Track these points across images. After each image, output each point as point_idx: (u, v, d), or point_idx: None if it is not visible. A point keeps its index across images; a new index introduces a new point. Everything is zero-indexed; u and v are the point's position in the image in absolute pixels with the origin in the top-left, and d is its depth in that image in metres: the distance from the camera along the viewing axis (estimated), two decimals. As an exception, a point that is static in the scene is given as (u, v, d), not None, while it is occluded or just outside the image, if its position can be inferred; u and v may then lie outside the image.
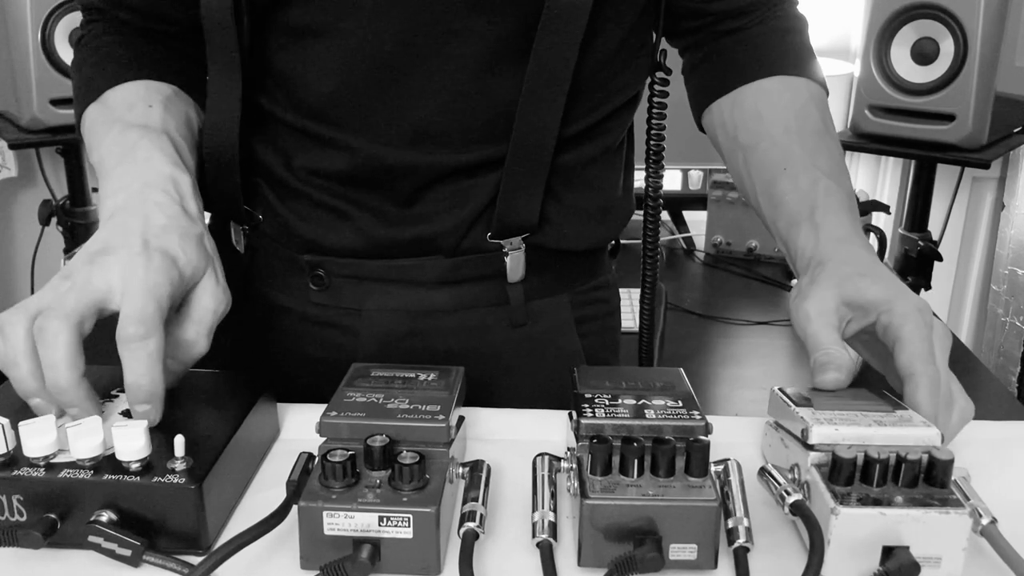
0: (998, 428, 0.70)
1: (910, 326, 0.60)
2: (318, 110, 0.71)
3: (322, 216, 0.75)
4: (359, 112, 0.71)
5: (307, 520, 0.51)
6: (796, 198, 0.69)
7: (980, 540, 0.53)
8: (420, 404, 0.57)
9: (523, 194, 0.74)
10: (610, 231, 0.83)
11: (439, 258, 0.76)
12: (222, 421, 0.59)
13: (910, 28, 1.61)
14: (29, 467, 0.53)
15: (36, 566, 0.53)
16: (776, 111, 0.75)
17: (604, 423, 0.55)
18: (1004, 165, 2.06)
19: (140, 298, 0.56)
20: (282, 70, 0.72)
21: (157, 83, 0.73)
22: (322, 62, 0.70)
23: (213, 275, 0.62)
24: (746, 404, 1.27)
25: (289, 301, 0.79)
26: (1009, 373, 2.09)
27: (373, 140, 0.71)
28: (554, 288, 0.80)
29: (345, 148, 0.72)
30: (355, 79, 0.70)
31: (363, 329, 0.77)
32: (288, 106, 0.73)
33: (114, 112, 0.71)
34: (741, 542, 0.52)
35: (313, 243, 0.76)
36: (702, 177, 1.79)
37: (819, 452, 0.55)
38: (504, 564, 0.54)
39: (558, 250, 0.78)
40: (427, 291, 0.76)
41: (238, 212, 0.78)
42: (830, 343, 0.61)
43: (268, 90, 0.73)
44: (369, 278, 0.76)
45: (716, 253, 1.76)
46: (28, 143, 1.66)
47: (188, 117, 0.74)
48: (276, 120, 0.74)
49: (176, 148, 0.68)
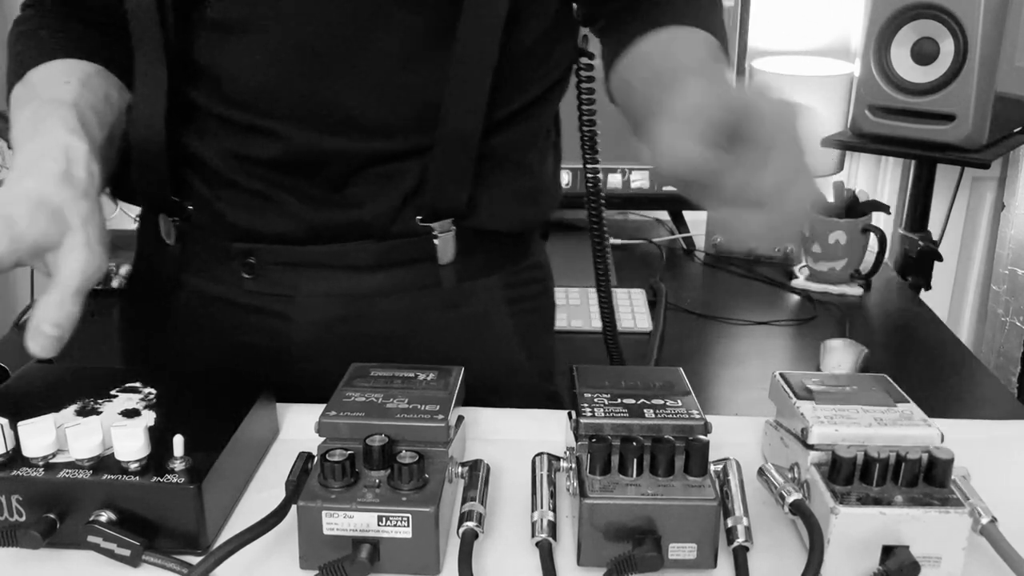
0: (998, 428, 0.70)
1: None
2: (247, 101, 0.72)
3: (252, 202, 0.76)
4: (288, 102, 0.72)
5: (306, 520, 0.51)
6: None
7: (980, 539, 0.53)
8: (419, 404, 0.57)
9: (451, 178, 0.75)
10: (540, 214, 0.85)
11: (370, 242, 0.76)
12: (222, 421, 0.59)
13: (910, 28, 1.61)
14: (28, 467, 0.53)
15: (35, 566, 0.53)
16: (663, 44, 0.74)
17: (603, 423, 0.55)
18: (1004, 165, 2.06)
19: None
20: (209, 63, 0.72)
21: (80, 62, 0.74)
22: (248, 56, 0.71)
23: (80, 238, 0.62)
24: (746, 404, 1.27)
25: (222, 290, 0.79)
26: (1009, 373, 2.09)
27: (303, 128, 0.72)
28: (486, 270, 0.81)
29: (275, 136, 0.73)
30: (282, 71, 0.71)
31: (297, 315, 0.78)
32: (216, 97, 0.73)
33: (34, 90, 0.72)
34: (740, 541, 0.52)
35: (244, 230, 0.76)
36: (702, 177, 1.78)
37: (819, 451, 0.55)
38: (503, 564, 0.54)
39: (488, 232, 0.79)
40: (359, 275, 0.77)
41: (167, 203, 0.78)
42: (697, 155, 0.52)
43: (196, 82, 0.74)
44: (301, 264, 0.77)
45: (716, 253, 1.76)
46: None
47: (107, 94, 0.74)
48: (205, 111, 0.74)
49: (81, 119, 0.68)
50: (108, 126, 0.72)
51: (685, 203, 1.79)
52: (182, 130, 0.75)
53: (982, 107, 1.58)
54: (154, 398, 0.61)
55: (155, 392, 0.62)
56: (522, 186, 0.80)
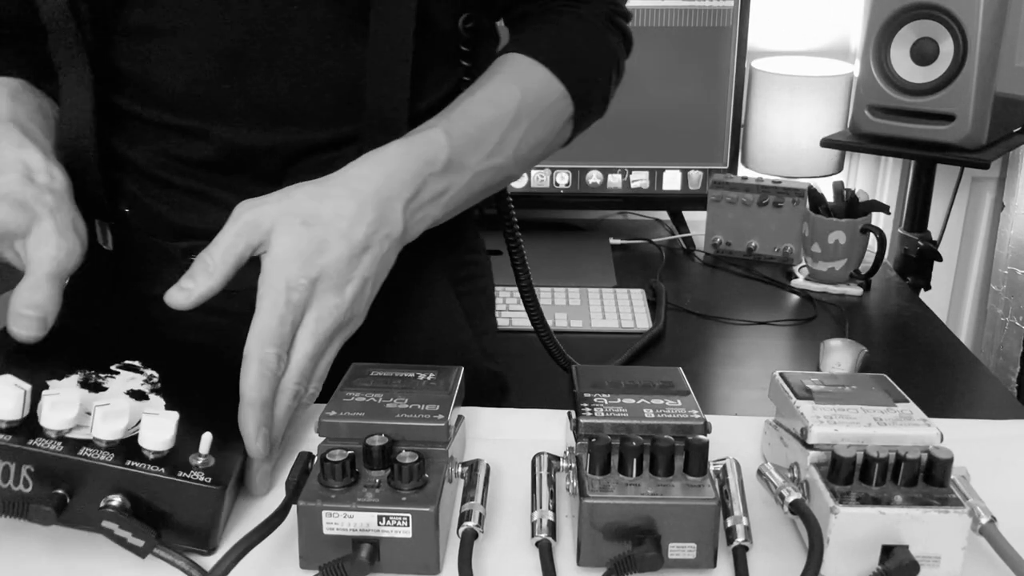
0: (998, 427, 0.70)
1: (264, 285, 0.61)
2: (174, 104, 0.73)
3: (191, 201, 0.76)
4: (213, 102, 0.73)
5: (306, 520, 0.51)
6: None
7: (979, 539, 0.53)
8: (419, 404, 0.57)
9: None
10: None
11: None
12: (236, 419, 0.60)
13: (910, 28, 1.61)
14: (44, 438, 0.52)
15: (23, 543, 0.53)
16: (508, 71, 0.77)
17: (603, 422, 0.55)
18: (1004, 165, 2.06)
19: None
20: (132, 69, 0.73)
21: (4, 79, 0.74)
22: (169, 60, 0.72)
23: (48, 225, 0.62)
24: (746, 404, 1.27)
25: (161, 290, 0.78)
26: (1009, 373, 2.09)
27: (231, 126, 0.73)
28: (429, 253, 0.81)
29: (205, 136, 0.73)
30: (204, 73, 0.72)
31: (241, 311, 0.77)
32: (144, 102, 0.74)
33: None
34: (740, 541, 0.52)
35: (183, 228, 0.77)
36: (702, 177, 1.79)
37: (818, 451, 0.55)
38: (503, 563, 0.54)
39: None
40: None
41: (102, 209, 0.78)
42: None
43: (121, 88, 0.74)
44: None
45: (716, 253, 1.76)
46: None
47: (40, 105, 0.74)
48: (133, 115, 0.75)
49: (24, 132, 0.68)
50: (51, 133, 0.72)
51: (685, 203, 1.80)
52: (112, 135, 0.76)
53: (982, 107, 1.58)
54: (158, 382, 0.61)
55: (158, 376, 0.62)
56: None
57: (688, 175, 1.79)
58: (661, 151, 1.77)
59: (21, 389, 0.52)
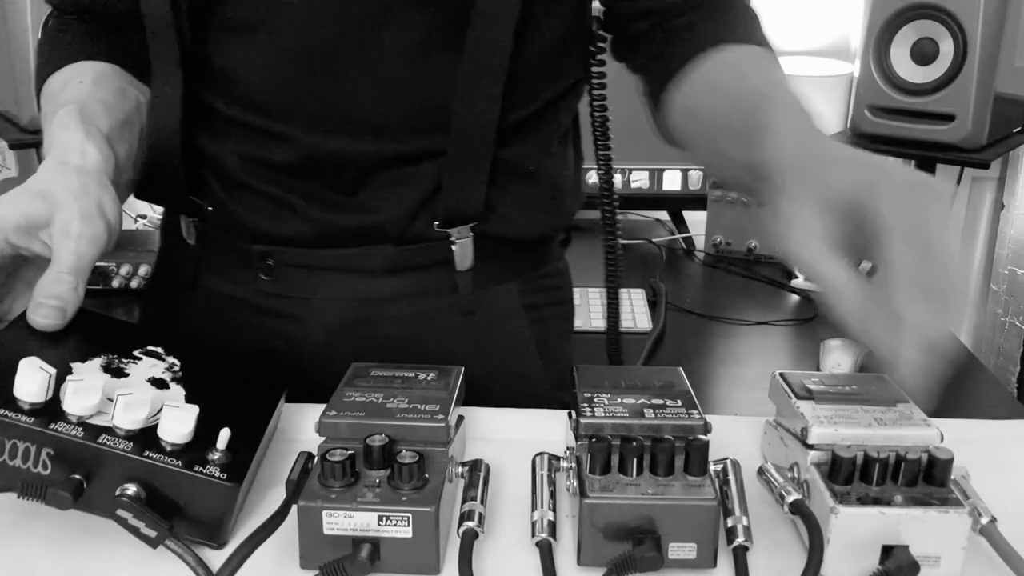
0: (998, 427, 0.70)
1: (891, 224, 0.50)
2: (258, 103, 0.72)
3: (268, 206, 0.76)
4: (298, 104, 0.72)
5: (307, 519, 0.51)
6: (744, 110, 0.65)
7: (979, 539, 0.53)
8: (419, 403, 0.57)
9: (466, 184, 0.74)
10: (559, 220, 0.84)
11: (387, 246, 0.76)
12: (254, 417, 0.60)
13: (910, 28, 1.61)
14: (66, 423, 0.52)
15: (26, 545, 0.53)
16: (728, 67, 0.71)
17: (603, 422, 0.55)
18: (1004, 165, 2.06)
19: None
20: (221, 65, 0.73)
21: (95, 62, 0.75)
22: (259, 57, 0.71)
23: (72, 212, 0.61)
24: (746, 404, 1.27)
25: (239, 291, 0.79)
26: (1009, 373, 2.09)
27: (313, 131, 0.72)
28: (503, 276, 0.80)
29: (286, 139, 0.73)
30: (292, 73, 0.71)
31: (312, 318, 0.78)
32: (229, 100, 0.74)
33: (53, 97, 0.73)
34: (740, 541, 0.52)
35: (261, 233, 0.76)
36: (702, 177, 1.79)
37: (818, 451, 0.55)
38: (503, 563, 0.54)
39: (506, 238, 0.78)
40: (375, 279, 0.77)
41: (186, 204, 0.79)
42: (834, 276, 0.50)
43: (209, 84, 0.74)
44: (318, 267, 0.77)
45: (716, 253, 1.76)
46: (28, 143, 1.66)
47: (122, 88, 0.74)
48: (218, 113, 0.74)
49: (82, 113, 0.68)
50: (122, 113, 0.72)
51: (685, 203, 1.80)
52: (199, 132, 0.76)
53: (982, 107, 1.58)
54: (179, 371, 0.61)
55: (179, 364, 0.61)
56: (540, 192, 0.79)
57: (688, 175, 1.79)
58: (661, 151, 1.76)
59: (46, 373, 0.52)
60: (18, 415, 0.51)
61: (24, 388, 0.52)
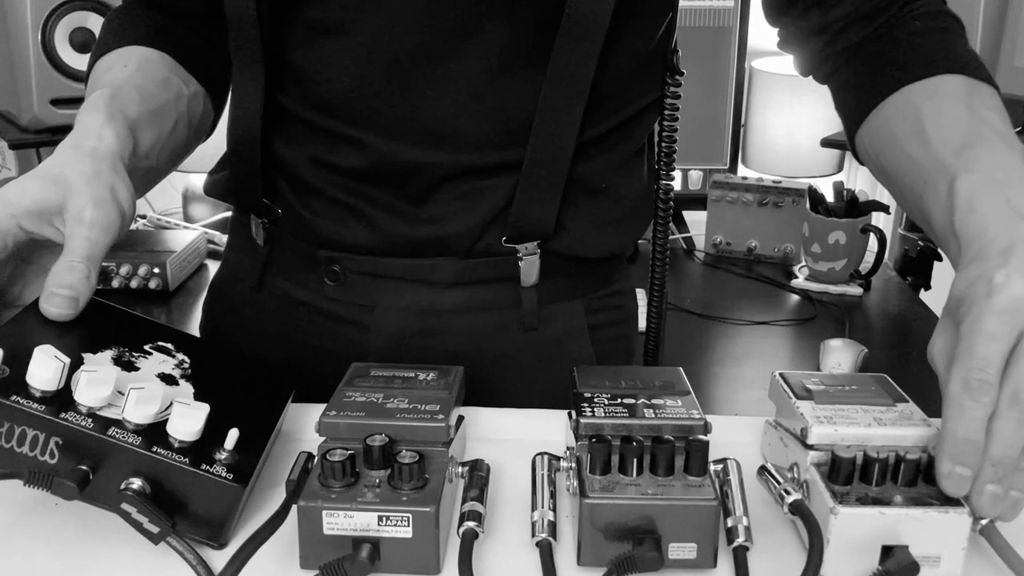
0: (997, 427, 0.70)
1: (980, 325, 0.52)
2: (334, 107, 0.72)
3: (337, 212, 0.75)
4: (374, 110, 0.71)
5: (307, 519, 0.51)
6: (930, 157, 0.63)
7: (979, 539, 0.53)
8: (419, 404, 0.57)
9: (539, 201, 0.73)
10: (628, 238, 0.82)
11: (453, 259, 0.76)
12: (262, 417, 0.60)
13: (910, 28, 1.61)
14: (76, 413, 0.52)
15: (26, 544, 0.53)
16: (911, 120, 0.67)
17: (603, 422, 0.55)
18: (1004, 165, 2.06)
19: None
20: (300, 66, 0.72)
21: (146, 48, 0.75)
22: (339, 59, 0.70)
23: (85, 197, 0.60)
24: (746, 404, 1.27)
25: (304, 295, 0.80)
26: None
27: (387, 138, 0.72)
28: (568, 294, 0.80)
29: (359, 145, 0.72)
30: (371, 77, 0.70)
31: (375, 326, 0.78)
32: (305, 102, 0.73)
33: (96, 80, 0.73)
34: (740, 541, 0.52)
35: (329, 239, 0.76)
36: (702, 177, 1.79)
37: (818, 451, 0.55)
38: (503, 563, 0.54)
39: (574, 256, 0.78)
40: (440, 291, 0.77)
41: (257, 205, 0.79)
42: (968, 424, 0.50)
43: (286, 86, 0.74)
44: (383, 275, 0.76)
45: (716, 253, 1.76)
46: (28, 143, 1.66)
47: (166, 78, 0.74)
48: (293, 116, 0.74)
49: (112, 96, 0.68)
50: (157, 101, 0.72)
51: (685, 203, 1.80)
52: (273, 134, 0.76)
53: (982, 107, 1.58)
54: (189, 368, 0.61)
55: (189, 362, 0.62)
56: (611, 210, 0.78)
57: (688, 175, 1.79)
58: (661, 151, 1.77)
59: (60, 362, 0.52)
60: (29, 402, 0.51)
61: (37, 376, 0.52)
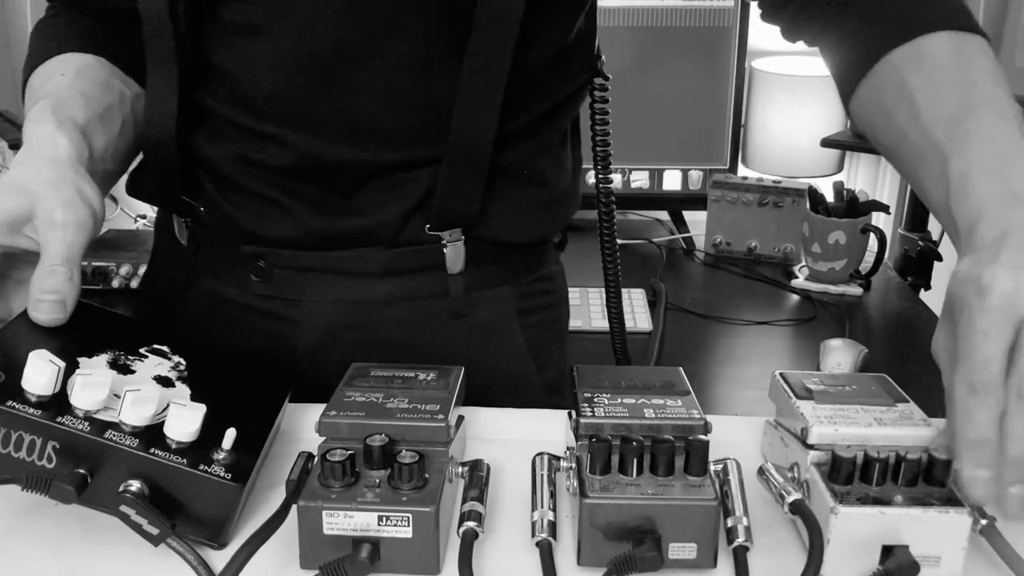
0: (998, 427, 0.70)
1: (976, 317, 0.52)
2: (257, 107, 0.72)
3: (261, 207, 0.76)
4: (297, 109, 0.72)
5: (307, 519, 0.51)
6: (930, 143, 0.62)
7: (979, 539, 0.53)
8: (419, 404, 0.57)
9: (462, 189, 0.74)
10: (554, 225, 0.83)
11: (379, 249, 0.76)
12: (259, 417, 0.60)
13: (910, 28, 1.61)
14: (72, 416, 0.52)
15: (26, 544, 0.53)
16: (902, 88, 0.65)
17: (603, 422, 0.55)
18: (1004, 165, 2.06)
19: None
20: (221, 67, 0.72)
21: (81, 55, 0.75)
22: (260, 60, 0.71)
23: (52, 201, 0.61)
24: (746, 404, 1.27)
25: (232, 292, 0.80)
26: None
27: (312, 136, 0.72)
28: (495, 280, 0.80)
29: (284, 143, 0.73)
30: (293, 78, 0.71)
31: (304, 320, 0.78)
32: (227, 102, 0.73)
33: (35, 91, 0.74)
34: (740, 541, 0.52)
35: (253, 234, 0.77)
36: (702, 177, 1.79)
37: (819, 451, 0.55)
38: (503, 563, 0.54)
39: (499, 242, 0.78)
40: (367, 282, 0.77)
41: (179, 204, 0.79)
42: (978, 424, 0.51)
43: (207, 85, 0.74)
44: (310, 269, 0.77)
45: (716, 253, 1.76)
46: (28, 143, 1.66)
47: (106, 81, 0.74)
48: (215, 114, 0.74)
49: (56, 104, 0.68)
50: (102, 105, 0.72)
51: (685, 203, 1.80)
52: (194, 132, 0.75)
53: (982, 107, 1.58)
54: (185, 370, 0.61)
55: (185, 363, 0.62)
56: (535, 197, 0.79)
57: (688, 175, 1.79)
58: (661, 151, 1.77)
59: (55, 366, 0.52)
60: (25, 407, 0.51)
61: (32, 380, 0.52)
